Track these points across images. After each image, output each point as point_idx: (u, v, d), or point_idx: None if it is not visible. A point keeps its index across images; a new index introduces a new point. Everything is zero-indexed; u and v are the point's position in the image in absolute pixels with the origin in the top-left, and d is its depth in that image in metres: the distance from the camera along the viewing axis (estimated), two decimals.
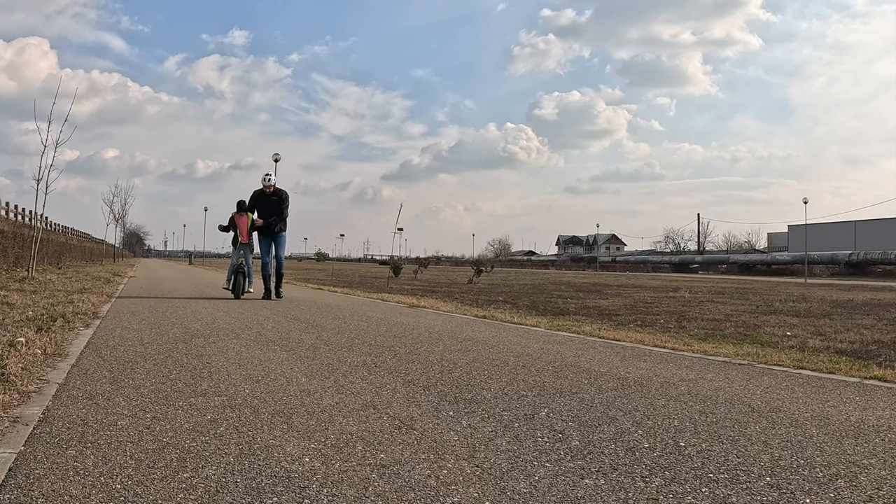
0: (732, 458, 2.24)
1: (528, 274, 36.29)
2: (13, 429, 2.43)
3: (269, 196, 10.34)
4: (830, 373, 4.03)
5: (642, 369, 4.06)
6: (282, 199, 10.36)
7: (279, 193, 10.40)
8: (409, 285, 17.15)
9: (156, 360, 4.03)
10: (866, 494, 1.91)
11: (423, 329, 6.20)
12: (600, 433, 2.52)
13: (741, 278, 33.35)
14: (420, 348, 4.82)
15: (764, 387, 3.54)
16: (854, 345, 5.67)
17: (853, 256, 43.05)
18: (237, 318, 6.99)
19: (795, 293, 15.53)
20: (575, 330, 6.36)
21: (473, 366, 4.05)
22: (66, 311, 6.53)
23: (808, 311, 9.66)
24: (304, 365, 3.98)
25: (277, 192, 10.39)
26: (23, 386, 3.08)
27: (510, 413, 2.83)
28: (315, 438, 2.38)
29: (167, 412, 2.72)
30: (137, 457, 2.13)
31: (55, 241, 23.13)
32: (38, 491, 1.82)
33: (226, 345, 4.81)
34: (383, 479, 1.97)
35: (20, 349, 3.92)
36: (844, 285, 22.06)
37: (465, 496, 1.85)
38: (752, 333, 6.55)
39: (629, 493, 1.90)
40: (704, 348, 5.11)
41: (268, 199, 10.33)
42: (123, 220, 52.11)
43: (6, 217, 18.39)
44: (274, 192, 10.36)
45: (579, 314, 8.64)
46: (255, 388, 3.24)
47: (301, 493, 1.84)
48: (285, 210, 10.39)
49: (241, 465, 2.07)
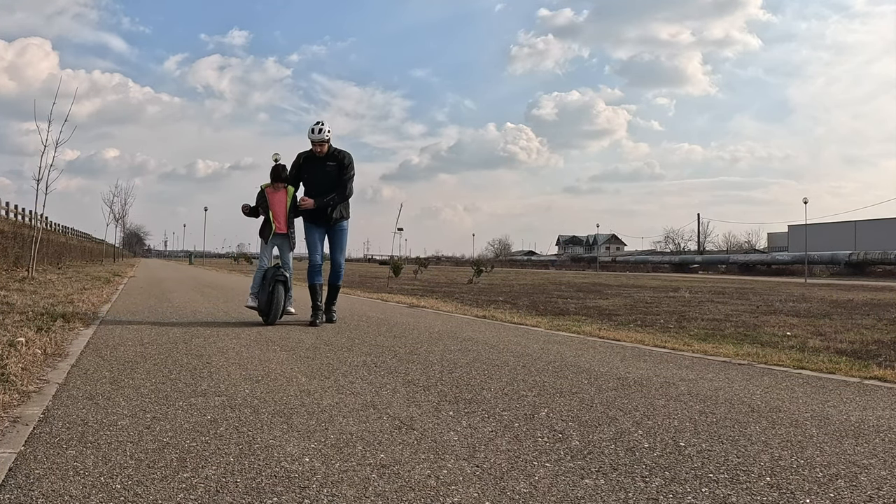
0: (732, 458, 2.24)
1: (528, 274, 36.28)
2: (13, 429, 2.43)
3: (322, 160, 6.43)
4: (830, 373, 4.03)
5: (642, 369, 4.06)
6: (342, 166, 6.44)
7: (338, 156, 6.45)
8: (409, 285, 17.15)
9: (156, 360, 4.03)
10: (866, 494, 1.91)
11: (423, 329, 6.20)
12: (600, 433, 2.52)
13: (741, 278, 33.34)
14: (420, 348, 4.82)
15: (764, 387, 3.54)
16: (854, 345, 5.67)
17: (853, 256, 43.04)
18: (237, 318, 6.99)
19: (795, 293, 15.53)
20: (575, 330, 6.36)
21: (473, 366, 4.05)
22: (66, 311, 6.53)
23: (808, 311, 9.66)
24: (304, 365, 3.98)
25: (336, 155, 6.45)
26: (23, 386, 3.08)
27: (510, 413, 2.83)
28: (315, 438, 2.38)
29: (167, 412, 2.72)
30: (137, 457, 2.12)
31: (55, 241, 23.13)
32: (38, 491, 1.82)
33: (226, 345, 4.81)
34: (383, 479, 1.97)
35: (20, 349, 3.92)
36: (844, 285, 22.06)
37: (465, 496, 1.85)
38: (753, 333, 6.55)
39: (629, 493, 1.90)
40: (704, 348, 5.11)
41: (320, 166, 6.45)
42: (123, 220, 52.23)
43: (6, 217, 18.39)
44: (330, 153, 6.44)
45: (579, 314, 8.64)
46: (255, 388, 3.24)
47: (301, 493, 1.84)
48: (349, 184, 6.49)
49: (241, 465, 2.07)
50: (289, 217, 6.49)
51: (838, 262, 43.65)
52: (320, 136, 6.34)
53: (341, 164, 6.45)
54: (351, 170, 6.48)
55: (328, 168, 6.45)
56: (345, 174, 6.44)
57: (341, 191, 6.46)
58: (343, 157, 6.47)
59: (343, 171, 6.44)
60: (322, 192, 6.41)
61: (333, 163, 6.46)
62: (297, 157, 6.61)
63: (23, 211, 20.33)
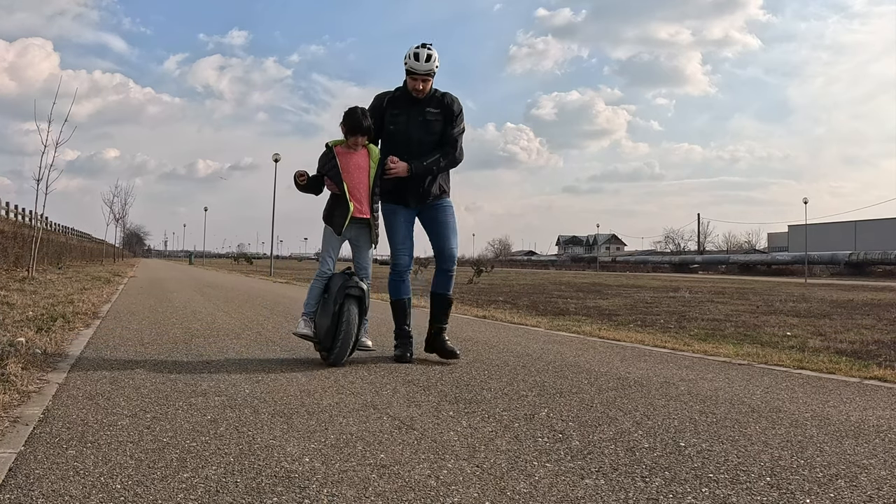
0: (732, 458, 2.24)
1: (528, 274, 36.28)
2: (13, 429, 2.43)
3: (421, 105, 4.23)
4: (830, 373, 4.03)
5: (642, 369, 4.06)
6: (451, 115, 4.26)
7: (445, 101, 4.27)
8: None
9: (156, 360, 4.03)
10: (866, 494, 1.91)
11: (423, 329, 6.19)
12: (600, 433, 2.52)
13: (741, 278, 33.33)
14: (420, 348, 4.82)
15: (764, 387, 3.54)
16: (854, 345, 5.67)
17: (853, 256, 43.06)
18: (237, 318, 6.99)
19: (795, 293, 15.53)
20: (575, 330, 6.36)
21: (473, 366, 4.05)
22: (66, 311, 6.53)
23: (808, 312, 9.66)
24: (304, 365, 3.98)
25: (441, 100, 4.27)
26: (23, 386, 3.08)
27: (510, 413, 2.82)
28: (315, 438, 2.38)
29: (167, 412, 2.72)
30: (137, 457, 2.12)
31: (55, 241, 23.13)
32: (38, 491, 1.82)
33: (226, 345, 4.81)
34: (383, 479, 1.97)
35: (20, 349, 3.92)
36: (844, 285, 22.05)
37: (465, 496, 1.85)
38: (753, 333, 6.55)
39: (629, 493, 1.90)
40: (704, 348, 5.11)
41: (416, 113, 4.23)
42: (123, 220, 52.21)
43: (6, 217, 18.39)
44: (432, 95, 4.24)
45: (579, 314, 8.64)
46: (255, 388, 3.24)
47: (301, 493, 1.84)
48: (458, 140, 4.32)
49: (241, 465, 2.07)
50: (372, 193, 4.15)
51: (838, 262, 43.67)
52: (427, 66, 4.08)
53: (448, 113, 4.23)
54: (462, 121, 4.31)
55: (429, 117, 4.20)
56: (454, 127, 4.26)
57: (450, 151, 4.26)
58: (452, 102, 4.25)
59: (452, 123, 4.25)
60: (419, 152, 4.20)
61: (437, 110, 4.21)
62: (378, 100, 4.29)
63: (23, 211, 20.34)
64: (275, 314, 7.53)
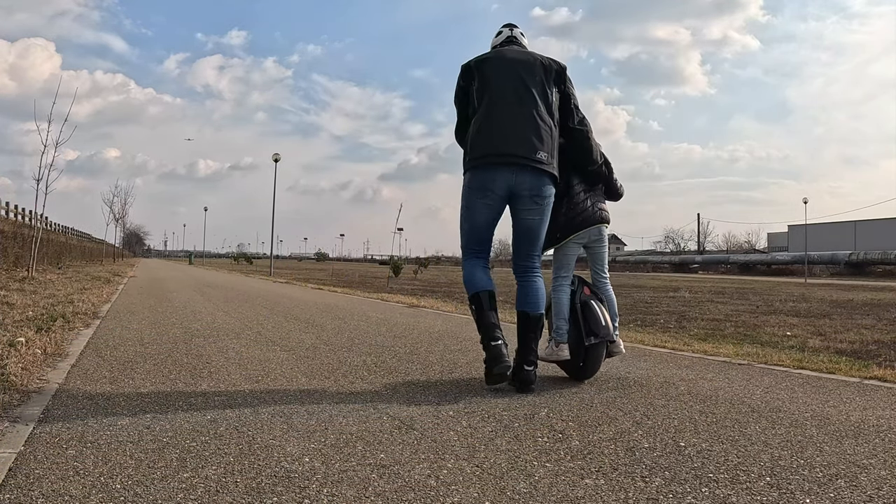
0: (732, 458, 2.24)
1: None
2: (13, 429, 2.43)
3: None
4: (830, 373, 4.03)
5: (642, 369, 4.07)
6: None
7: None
8: (409, 285, 17.15)
9: (156, 360, 4.03)
10: (866, 494, 1.91)
11: (423, 329, 6.20)
12: (600, 433, 2.52)
13: (741, 278, 33.33)
14: (420, 348, 4.82)
15: (764, 387, 3.54)
16: (854, 345, 5.67)
17: (853, 256, 43.03)
18: (237, 318, 6.99)
19: (795, 293, 15.53)
20: None
21: (473, 366, 4.05)
22: (66, 311, 6.53)
23: (808, 311, 9.66)
24: (304, 365, 3.98)
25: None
26: (23, 386, 3.08)
27: (510, 413, 2.82)
28: (315, 438, 2.38)
29: (167, 412, 2.72)
30: (137, 457, 2.12)
31: (55, 241, 23.12)
32: (38, 491, 1.82)
33: (226, 345, 4.81)
34: (383, 479, 1.97)
35: (20, 349, 3.92)
36: (844, 285, 22.06)
37: (465, 496, 1.85)
38: (752, 333, 6.55)
39: (629, 493, 1.90)
40: (704, 348, 5.11)
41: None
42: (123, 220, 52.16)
43: (6, 217, 18.37)
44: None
45: None
46: (255, 388, 3.24)
47: (301, 493, 1.84)
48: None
49: (241, 465, 2.07)
50: None
51: (838, 262, 43.64)
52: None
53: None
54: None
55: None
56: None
57: None
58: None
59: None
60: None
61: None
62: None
63: (23, 211, 20.32)
64: (274, 314, 7.53)
